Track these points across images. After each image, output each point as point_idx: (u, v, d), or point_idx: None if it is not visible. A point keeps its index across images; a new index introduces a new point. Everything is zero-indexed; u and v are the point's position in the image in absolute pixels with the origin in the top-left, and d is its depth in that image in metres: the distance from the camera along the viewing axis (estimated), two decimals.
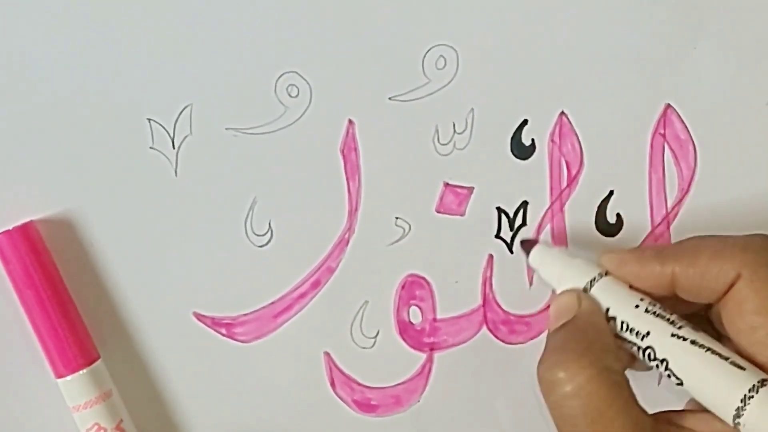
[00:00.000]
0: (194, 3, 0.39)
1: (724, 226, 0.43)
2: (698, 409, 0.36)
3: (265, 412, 0.42)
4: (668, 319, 0.36)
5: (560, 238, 0.43)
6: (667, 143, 0.43)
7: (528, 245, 0.41)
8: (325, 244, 0.41)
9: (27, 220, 0.39)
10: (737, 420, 0.33)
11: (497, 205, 0.42)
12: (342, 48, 0.40)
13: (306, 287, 0.41)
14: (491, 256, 0.43)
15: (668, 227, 0.43)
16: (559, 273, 0.39)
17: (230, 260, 0.41)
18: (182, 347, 0.41)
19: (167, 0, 0.39)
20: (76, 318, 0.39)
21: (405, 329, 0.43)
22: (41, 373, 0.39)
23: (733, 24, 0.43)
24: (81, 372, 0.39)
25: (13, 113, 0.38)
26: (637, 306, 0.36)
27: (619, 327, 0.37)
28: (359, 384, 0.42)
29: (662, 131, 0.43)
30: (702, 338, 0.35)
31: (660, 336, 0.35)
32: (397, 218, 0.42)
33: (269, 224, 0.41)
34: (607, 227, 0.43)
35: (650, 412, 0.36)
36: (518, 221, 0.42)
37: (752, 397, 0.33)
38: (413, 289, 0.42)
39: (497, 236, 0.42)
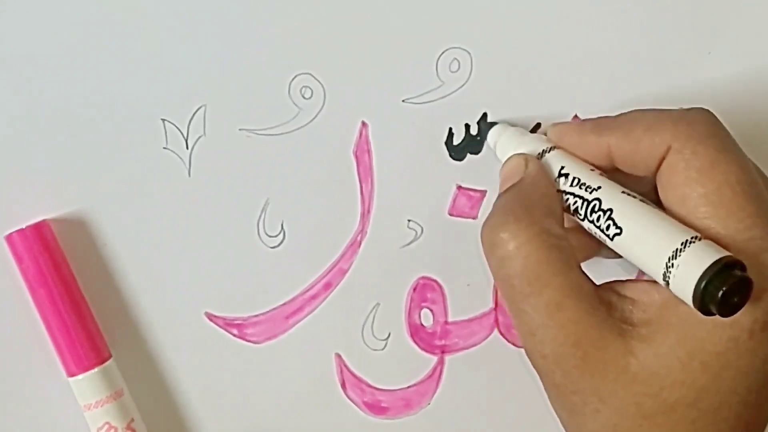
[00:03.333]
0: (208, 4, 0.39)
1: None
2: (639, 279, 0.35)
3: (275, 413, 0.42)
4: (619, 183, 0.36)
5: None
6: None
7: (488, 125, 0.41)
8: (338, 245, 0.41)
9: (41, 219, 0.39)
10: (668, 270, 0.32)
11: None
12: (356, 50, 0.40)
13: (318, 289, 0.42)
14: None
15: None
16: (514, 147, 0.39)
17: (242, 261, 0.41)
18: (194, 347, 0.41)
19: (181, 1, 0.39)
20: (88, 317, 0.39)
21: (416, 332, 0.43)
22: (53, 371, 0.39)
23: (748, 29, 0.43)
24: (93, 371, 0.39)
25: (28, 113, 0.39)
26: (591, 169, 0.37)
27: (570, 182, 0.36)
28: (370, 386, 0.42)
29: None
30: (650, 203, 0.35)
31: (609, 190, 0.35)
32: (409, 221, 0.42)
33: (282, 225, 0.41)
34: None
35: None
36: None
37: (683, 250, 0.32)
38: (425, 291, 0.42)
39: None
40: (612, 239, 0.35)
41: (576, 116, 0.42)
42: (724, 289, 0.31)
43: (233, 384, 0.42)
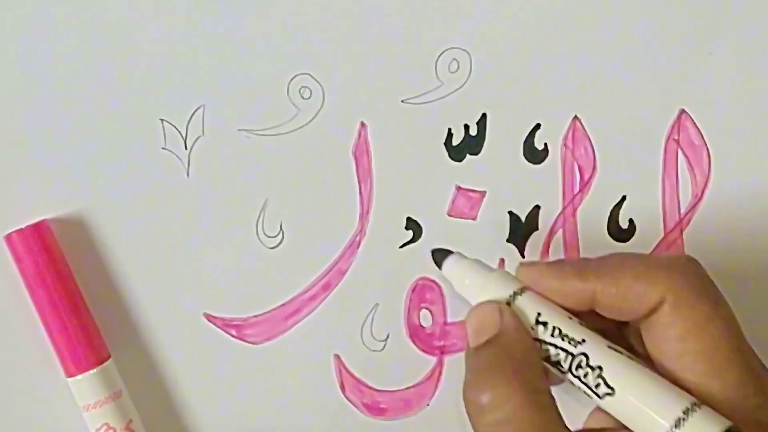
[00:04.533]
0: (208, 4, 0.39)
1: (737, 233, 0.43)
2: (617, 427, 0.34)
3: (274, 414, 0.42)
4: (600, 334, 0.35)
5: (572, 243, 0.43)
6: (681, 149, 0.43)
7: (441, 255, 0.38)
8: (337, 246, 0.41)
9: (40, 219, 0.39)
10: None
11: (509, 210, 0.42)
12: (355, 50, 0.40)
13: (317, 289, 0.41)
14: (502, 260, 0.42)
15: (681, 233, 0.43)
16: (479, 285, 0.36)
17: (241, 261, 0.41)
18: (192, 348, 0.41)
19: (180, 1, 0.39)
20: (87, 317, 0.39)
21: (415, 332, 0.42)
22: (52, 372, 0.39)
23: (749, 30, 0.43)
24: (91, 371, 0.39)
25: (27, 113, 0.39)
26: (570, 318, 0.35)
27: (550, 332, 0.35)
28: (369, 387, 0.42)
29: (676, 137, 0.43)
30: (635, 358, 0.34)
31: (595, 344, 0.34)
32: (408, 221, 0.42)
33: (280, 226, 0.41)
34: (619, 233, 0.43)
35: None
36: (530, 226, 0.42)
37: (685, 419, 0.32)
38: (424, 292, 0.42)
39: (509, 240, 0.42)
40: (602, 398, 0.33)
41: (576, 117, 0.42)
42: None
43: (232, 385, 0.41)
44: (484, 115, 0.41)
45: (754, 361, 0.33)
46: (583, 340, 0.34)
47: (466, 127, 0.41)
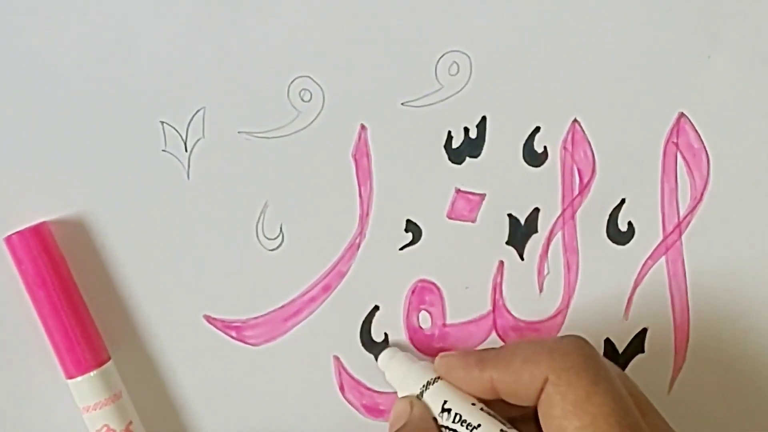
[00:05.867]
0: (208, 6, 0.39)
1: (736, 236, 0.43)
2: None
3: (273, 416, 0.42)
4: (499, 420, 0.37)
5: (571, 246, 0.43)
6: (680, 152, 0.43)
7: (378, 348, 0.42)
8: (336, 248, 0.41)
9: (40, 220, 0.39)
10: None
11: (509, 212, 0.42)
12: (355, 53, 0.40)
13: (316, 291, 0.42)
14: (502, 262, 0.43)
15: (680, 236, 0.43)
16: (401, 377, 0.40)
17: (241, 263, 0.41)
18: (192, 350, 0.41)
19: (181, 3, 0.39)
20: (87, 319, 0.39)
21: (414, 334, 0.43)
22: (52, 373, 0.39)
23: (748, 33, 0.43)
24: (91, 373, 0.39)
25: (27, 115, 0.39)
26: (473, 404, 0.37)
27: (452, 419, 0.37)
28: (368, 389, 0.42)
29: (675, 140, 0.43)
30: None
31: (489, 428, 0.36)
32: (408, 223, 0.42)
33: (280, 228, 0.41)
34: (619, 236, 0.43)
35: None
36: (530, 228, 0.42)
37: None
38: (423, 294, 0.42)
39: (508, 243, 0.42)
40: None
41: (575, 121, 0.42)
42: None
43: (232, 386, 0.42)
44: (483, 118, 0.42)
45: None
46: (479, 425, 0.36)
47: (466, 129, 0.42)
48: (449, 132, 0.41)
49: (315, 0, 0.40)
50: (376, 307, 0.42)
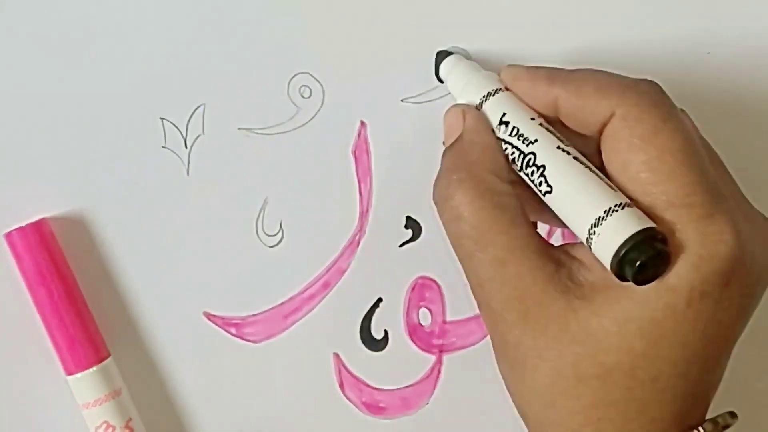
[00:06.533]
0: (208, 3, 0.39)
1: None
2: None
3: (273, 413, 0.42)
4: (558, 137, 0.35)
5: (571, 240, 0.43)
6: None
7: (441, 56, 0.40)
8: (336, 245, 0.41)
9: (40, 217, 0.39)
10: (591, 235, 0.32)
11: None
12: (355, 49, 0.40)
13: (316, 288, 0.42)
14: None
15: None
16: (462, 85, 0.38)
17: (241, 260, 0.41)
18: (192, 346, 0.41)
19: (180, 1, 0.39)
20: (87, 316, 0.39)
21: (414, 331, 0.43)
22: (51, 370, 0.39)
23: (747, 30, 0.43)
24: (91, 370, 0.39)
25: (27, 112, 0.39)
26: (533, 119, 0.36)
27: (509, 132, 0.36)
28: (368, 386, 0.42)
29: None
30: (585, 160, 0.35)
31: (545, 144, 0.35)
32: (408, 220, 0.42)
33: (280, 225, 0.41)
34: None
35: None
36: None
37: (605, 218, 0.32)
38: (423, 291, 0.42)
39: None
40: (543, 196, 0.35)
41: None
42: (640, 260, 0.31)
43: (231, 383, 0.41)
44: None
45: (709, 175, 0.33)
46: (536, 140, 0.35)
47: None
48: None
49: None
50: (376, 304, 0.42)
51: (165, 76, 0.39)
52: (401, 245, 0.42)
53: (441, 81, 0.40)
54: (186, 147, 0.40)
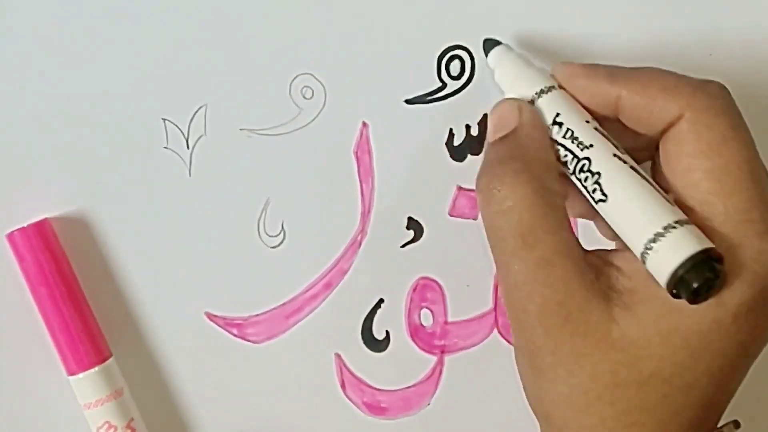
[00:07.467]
0: (210, 4, 0.39)
1: None
2: (625, 248, 0.35)
3: (274, 413, 0.42)
4: (614, 144, 0.35)
5: None
6: None
7: (489, 45, 0.39)
8: (338, 245, 0.42)
9: (42, 217, 0.39)
10: (647, 251, 0.32)
11: None
12: (357, 50, 0.40)
13: (318, 288, 0.42)
14: None
15: None
16: (512, 78, 0.38)
17: (243, 261, 0.41)
18: (194, 347, 0.41)
19: (183, 1, 0.39)
20: (89, 316, 0.39)
21: (416, 332, 0.43)
22: (53, 370, 0.39)
23: (749, 31, 0.43)
24: (93, 370, 0.39)
25: (29, 112, 0.39)
26: (587, 122, 0.35)
27: (563, 133, 0.35)
28: (369, 386, 0.42)
29: None
30: (641, 170, 0.34)
31: (601, 151, 0.34)
32: (409, 221, 0.42)
33: (282, 225, 0.41)
34: None
35: None
36: None
37: (664, 235, 0.31)
38: (425, 291, 0.42)
39: None
40: (597, 203, 0.34)
41: None
42: (697, 283, 0.31)
43: (233, 384, 0.42)
44: (485, 116, 0.42)
45: (767, 191, 0.33)
46: (591, 145, 0.34)
47: (468, 127, 0.42)
48: (451, 129, 0.41)
49: None
50: (378, 305, 0.42)
51: (167, 76, 0.39)
52: (403, 246, 0.42)
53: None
54: (188, 147, 0.40)
